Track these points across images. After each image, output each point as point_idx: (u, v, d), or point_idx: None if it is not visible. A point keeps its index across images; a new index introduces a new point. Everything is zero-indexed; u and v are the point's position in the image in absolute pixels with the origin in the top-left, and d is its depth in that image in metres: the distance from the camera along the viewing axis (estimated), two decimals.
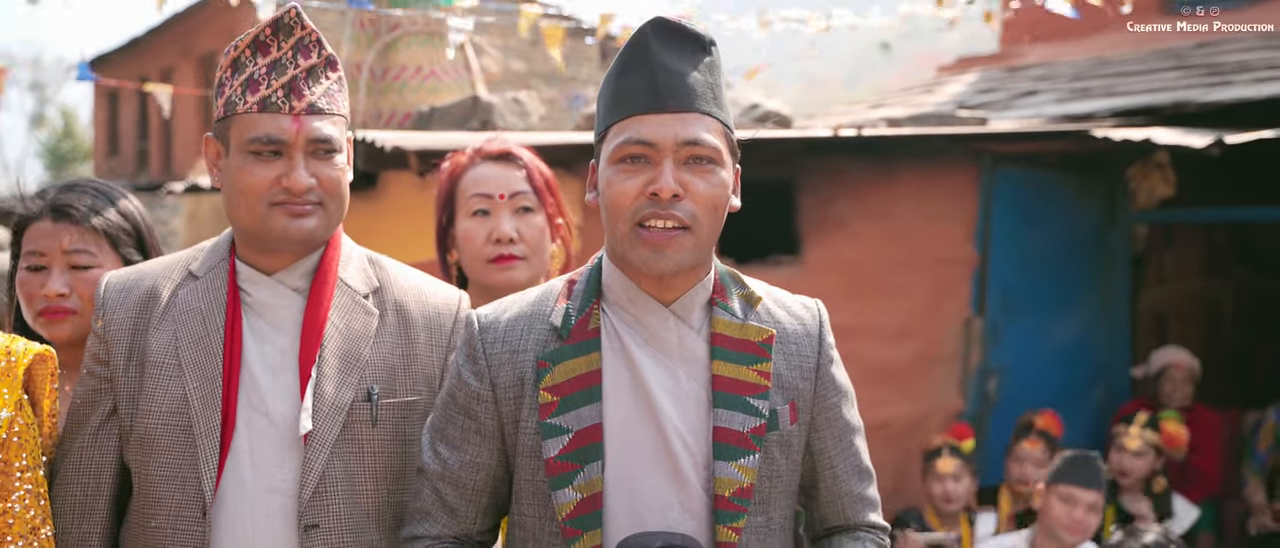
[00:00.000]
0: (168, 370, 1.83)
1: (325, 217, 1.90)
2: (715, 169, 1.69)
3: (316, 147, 1.87)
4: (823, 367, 1.81)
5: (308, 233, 1.88)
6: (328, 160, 1.89)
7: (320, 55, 1.92)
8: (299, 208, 1.86)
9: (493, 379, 1.74)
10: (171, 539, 1.80)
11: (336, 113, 1.91)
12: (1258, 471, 5.47)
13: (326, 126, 1.88)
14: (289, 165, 1.85)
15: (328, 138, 1.88)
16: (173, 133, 19.52)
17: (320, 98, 1.88)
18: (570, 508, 1.66)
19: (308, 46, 1.90)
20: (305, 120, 1.85)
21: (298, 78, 1.87)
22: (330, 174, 1.89)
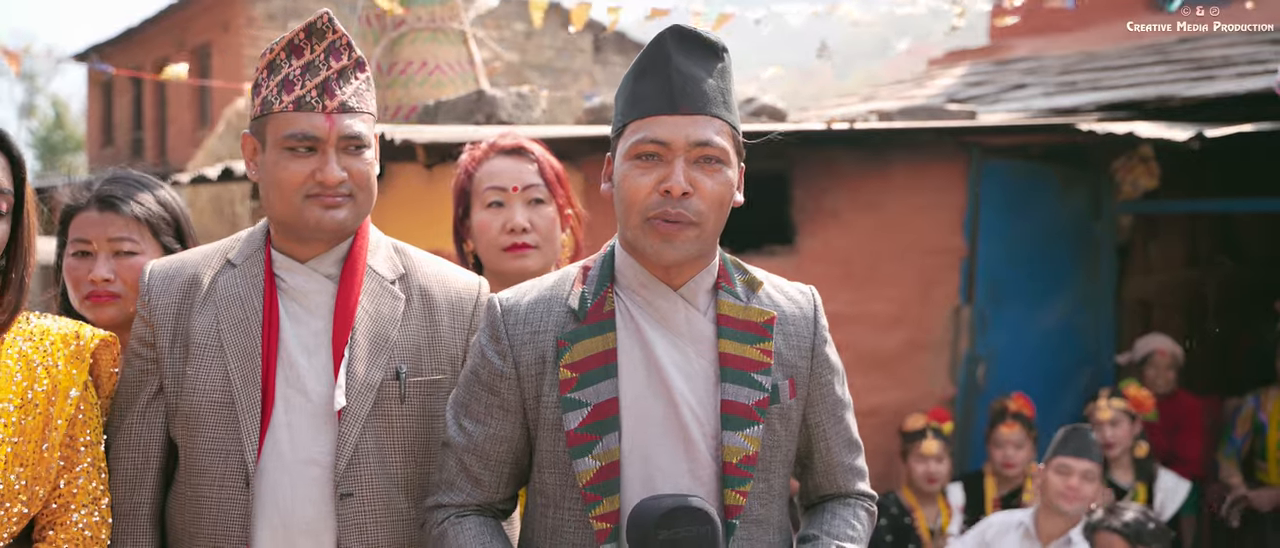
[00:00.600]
0: (210, 351, 1.97)
1: (355, 208, 2.03)
2: (722, 168, 1.82)
3: (347, 143, 2.00)
4: (818, 347, 1.95)
5: (339, 223, 2.00)
6: (358, 156, 2.02)
7: (350, 57, 2.04)
8: (331, 200, 1.99)
9: (515, 358, 1.87)
10: (218, 507, 1.93)
11: (365, 111, 2.04)
12: (1233, 455, 5.62)
13: (357, 124, 2.01)
14: (322, 161, 1.98)
15: (358, 135, 2.01)
16: (167, 123, 19.57)
17: (351, 97, 2.01)
18: (590, 475, 1.80)
19: (338, 49, 2.02)
20: (337, 118, 1.98)
21: (330, 78, 1.99)
22: (360, 168, 2.02)
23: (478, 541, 1.86)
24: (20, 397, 1.86)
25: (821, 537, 1.93)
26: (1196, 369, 6.47)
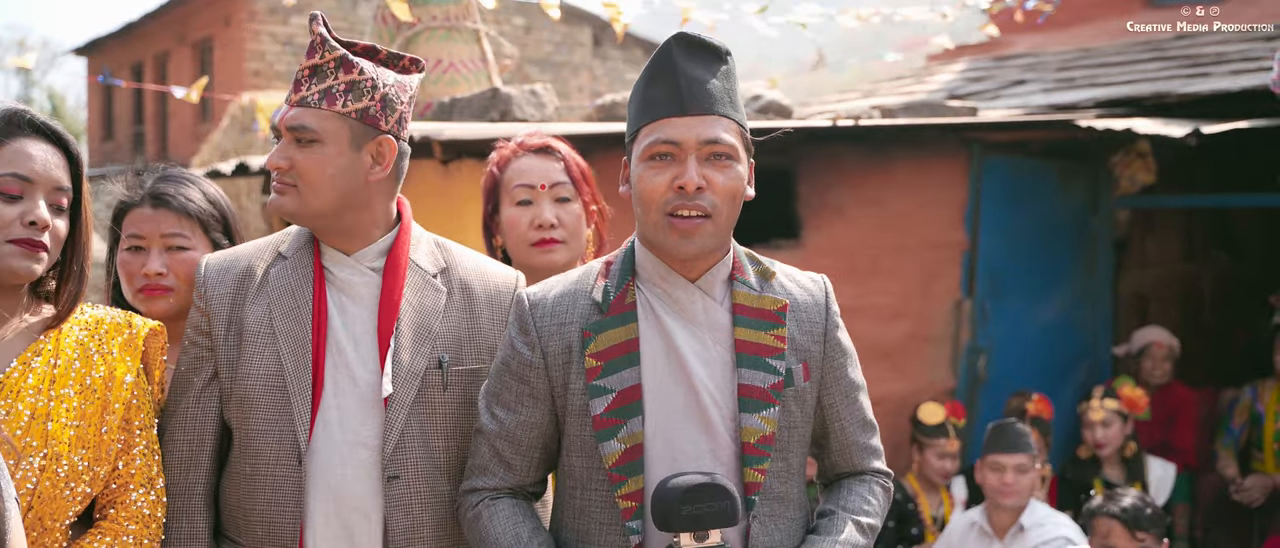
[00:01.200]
0: (263, 339, 2.07)
1: (297, 197, 2.07)
2: (732, 164, 1.93)
3: (293, 134, 2.06)
4: (830, 332, 2.06)
5: (283, 211, 2.09)
6: (305, 148, 2.06)
7: (324, 56, 2.07)
8: (277, 185, 2.09)
9: (543, 349, 1.98)
10: (272, 485, 2.04)
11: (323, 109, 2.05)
12: (1230, 445, 5.72)
13: (305, 117, 2.05)
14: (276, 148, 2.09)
15: (302, 126, 2.05)
16: (169, 117, 19.62)
17: (313, 93, 2.05)
18: (615, 457, 1.91)
19: (314, 48, 2.08)
20: (293, 112, 2.06)
21: (300, 76, 2.08)
22: (303, 160, 2.05)
23: (511, 521, 1.97)
24: (80, 383, 1.97)
25: (838, 512, 2.04)
26: (1192, 362, 6.57)
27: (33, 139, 1.98)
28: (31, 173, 1.95)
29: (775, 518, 1.97)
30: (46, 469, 1.90)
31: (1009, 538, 4.25)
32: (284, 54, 15.96)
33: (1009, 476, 4.22)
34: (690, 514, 1.78)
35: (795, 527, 2.01)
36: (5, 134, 1.97)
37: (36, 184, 1.95)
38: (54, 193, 1.98)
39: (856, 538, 2.01)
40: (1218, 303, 7.43)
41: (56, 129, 2.02)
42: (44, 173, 1.96)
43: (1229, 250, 7.63)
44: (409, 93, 2.16)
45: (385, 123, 2.10)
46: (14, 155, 1.95)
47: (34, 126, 1.99)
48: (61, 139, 2.01)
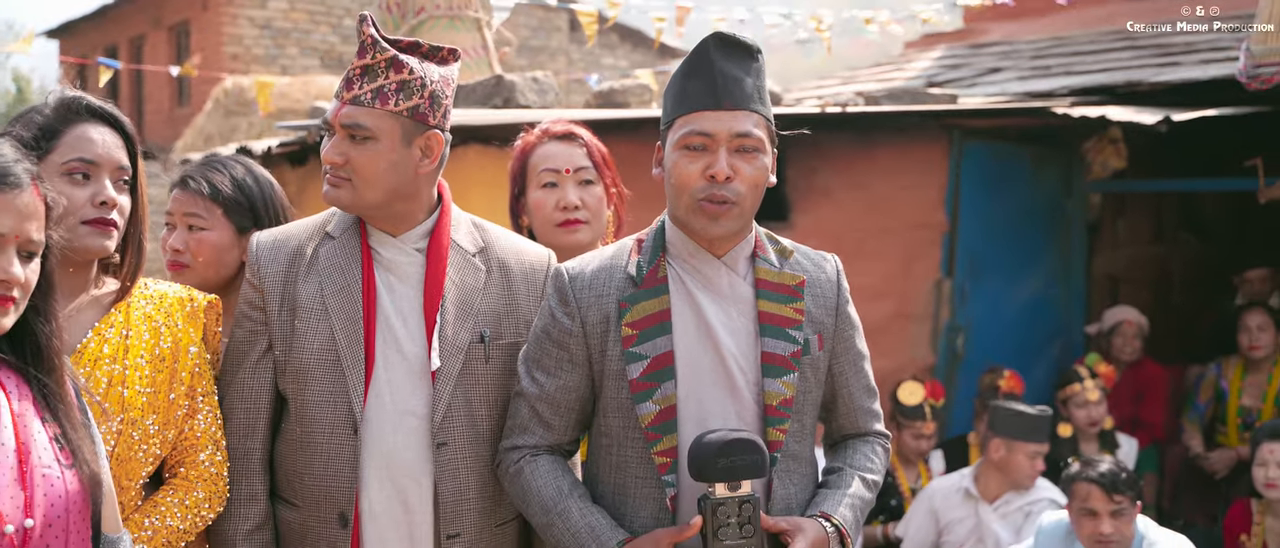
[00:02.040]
0: (316, 315, 2.21)
1: (352, 190, 2.20)
2: (759, 156, 2.11)
3: (347, 131, 2.18)
4: (841, 306, 2.25)
5: (338, 201, 2.23)
6: (359, 145, 2.18)
7: (375, 56, 2.18)
8: (332, 179, 2.22)
9: (582, 318, 2.15)
10: (329, 450, 2.19)
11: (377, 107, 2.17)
12: (1196, 420, 5.96)
13: (359, 115, 2.17)
14: (330, 143, 2.22)
15: (356, 124, 2.17)
16: (144, 101, 19.51)
17: (365, 92, 2.17)
18: (651, 417, 2.09)
19: (365, 49, 2.20)
20: (345, 109, 2.18)
21: (351, 74, 2.20)
22: (357, 156, 2.18)
23: (551, 475, 2.15)
24: (149, 353, 2.12)
25: (845, 468, 2.23)
26: (1161, 340, 6.79)
27: (92, 123, 2.11)
28: (95, 156, 2.08)
29: (791, 474, 2.16)
30: (123, 432, 2.06)
31: (997, 502, 4.46)
32: (262, 37, 15.95)
33: (1040, 462, 4.44)
34: (725, 466, 1.96)
35: (808, 482, 2.20)
36: (66, 121, 2.10)
37: (101, 166, 2.09)
38: (117, 172, 2.12)
39: (863, 492, 2.20)
40: (1186, 283, 7.66)
41: (112, 111, 2.15)
42: (106, 155, 2.10)
43: (1197, 233, 7.84)
44: (452, 85, 2.30)
45: (433, 118, 2.23)
46: (77, 141, 2.09)
47: (91, 111, 2.13)
48: (118, 121, 2.15)
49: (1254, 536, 4.65)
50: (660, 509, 2.09)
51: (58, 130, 2.08)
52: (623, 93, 5.05)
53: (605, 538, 2.06)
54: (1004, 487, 4.44)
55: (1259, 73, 5.13)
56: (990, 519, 4.44)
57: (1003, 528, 4.39)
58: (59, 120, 2.09)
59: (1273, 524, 4.60)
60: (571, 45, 19.71)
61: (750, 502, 1.99)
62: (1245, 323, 5.74)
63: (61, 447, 1.77)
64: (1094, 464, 3.85)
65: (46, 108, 2.11)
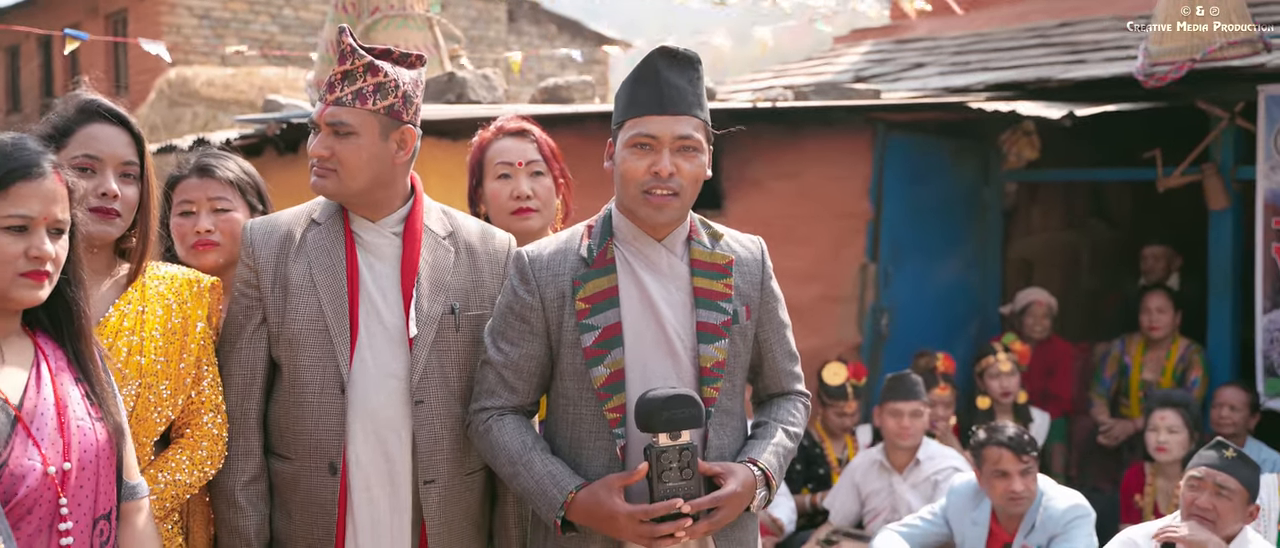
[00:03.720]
0: (306, 291, 2.50)
1: (337, 180, 2.48)
2: (697, 154, 2.43)
3: (332, 128, 2.47)
4: (765, 282, 2.58)
5: (326, 191, 2.51)
6: (343, 139, 2.47)
7: (355, 62, 2.48)
8: (319, 170, 2.50)
9: (541, 294, 2.46)
10: (319, 409, 2.48)
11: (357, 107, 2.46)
12: (1102, 393, 6.40)
13: (342, 114, 2.46)
14: (316, 140, 2.51)
15: (340, 121, 2.46)
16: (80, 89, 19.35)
17: (345, 94, 2.46)
18: (602, 379, 2.41)
19: (345, 55, 2.50)
20: (329, 110, 2.48)
21: (333, 78, 2.50)
22: (342, 149, 2.46)
23: (516, 432, 2.45)
24: (163, 327, 2.40)
25: (770, 422, 2.57)
26: (1071, 319, 7.21)
27: (100, 123, 2.38)
28: (100, 152, 2.35)
29: (724, 426, 2.49)
30: (140, 395, 2.33)
31: (906, 472, 4.85)
32: (201, 27, 15.93)
33: (906, 420, 4.81)
34: (667, 418, 2.29)
35: (738, 433, 2.54)
36: (79, 121, 2.37)
37: (105, 161, 2.36)
38: (122, 167, 2.38)
39: (785, 441, 2.54)
40: (1094, 267, 8.03)
41: (120, 112, 2.42)
42: (110, 151, 2.37)
43: (1104, 219, 8.19)
44: (421, 86, 2.60)
45: (406, 115, 2.53)
46: (86, 138, 2.36)
47: (101, 113, 2.40)
48: (125, 121, 2.42)
49: (1146, 495, 5.09)
50: (611, 459, 2.41)
51: (71, 128, 2.34)
52: (567, 89, 5.33)
53: (564, 484, 2.37)
54: (905, 456, 4.82)
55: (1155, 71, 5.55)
56: (902, 489, 4.82)
57: (914, 497, 4.77)
58: (72, 120, 2.35)
59: (1163, 485, 5.03)
60: (510, 36, 19.89)
61: (689, 449, 2.32)
62: (1146, 305, 6.17)
63: (92, 403, 2.05)
64: (1001, 430, 4.23)
65: (64, 108, 2.37)
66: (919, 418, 4.82)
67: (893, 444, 4.85)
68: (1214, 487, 3.59)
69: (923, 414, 4.84)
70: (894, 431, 4.82)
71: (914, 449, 4.83)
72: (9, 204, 1.93)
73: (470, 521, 2.60)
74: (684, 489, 2.31)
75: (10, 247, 1.92)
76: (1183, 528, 3.56)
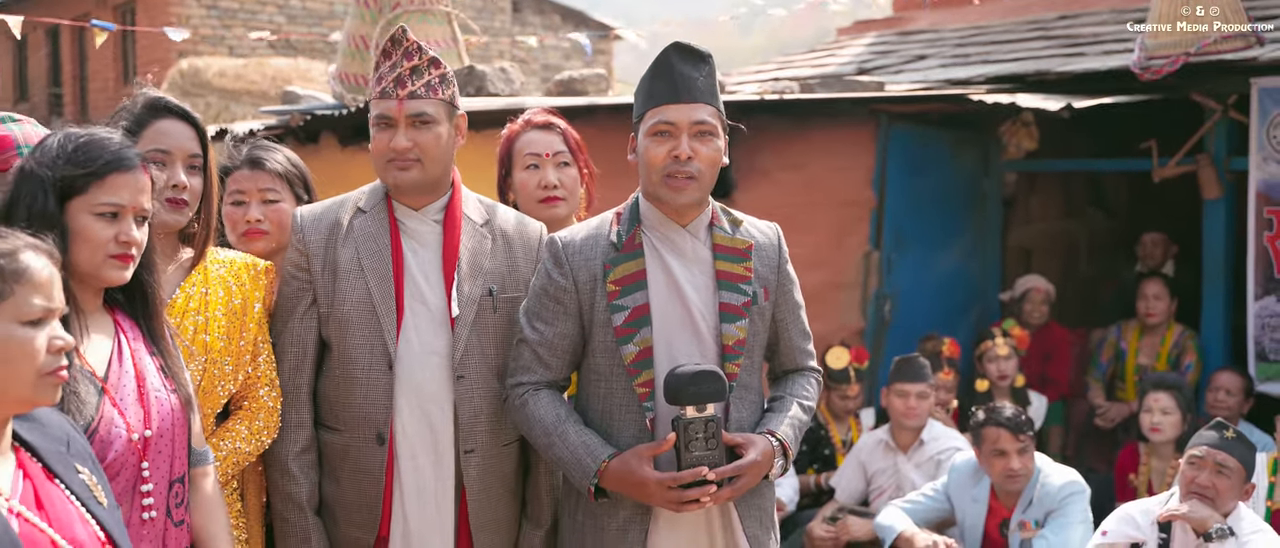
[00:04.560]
0: (354, 274, 2.67)
1: (422, 170, 2.66)
2: (713, 139, 2.61)
3: (413, 120, 2.64)
4: (782, 265, 2.77)
5: (411, 181, 2.66)
6: (424, 129, 2.65)
7: (422, 58, 2.67)
8: (402, 163, 2.66)
9: (574, 277, 2.64)
10: (367, 384, 2.65)
11: (433, 97, 2.65)
12: (1099, 377, 6.59)
13: (421, 106, 2.64)
14: (394, 134, 2.65)
15: (421, 112, 2.64)
16: (88, 79, 19.48)
17: (420, 87, 2.64)
18: (632, 356, 2.59)
19: (410, 52, 2.67)
20: (406, 103, 2.64)
21: (402, 74, 2.66)
22: (425, 139, 2.64)
23: (551, 405, 2.63)
24: (225, 307, 2.58)
25: (786, 396, 2.76)
26: (1069, 305, 7.38)
27: (169, 119, 2.56)
28: (170, 146, 2.53)
29: (743, 400, 2.68)
30: (206, 371, 2.52)
31: (911, 452, 5.03)
32: (209, 17, 16.09)
33: (912, 401, 4.99)
34: (694, 392, 2.47)
35: (755, 407, 2.72)
36: (149, 118, 2.55)
37: (175, 155, 2.54)
38: (189, 159, 2.56)
39: (800, 414, 2.73)
40: (1091, 254, 8.16)
41: (186, 109, 2.60)
42: (178, 145, 2.55)
43: (1101, 208, 8.34)
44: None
45: (456, 103, 2.73)
46: (156, 134, 2.53)
47: (168, 109, 2.58)
48: (190, 116, 2.60)
49: (1141, 474, 5.28)
50: (640, 430, 2.60)
51: (142, 124, 2.52)
52: (581, 81, 5.50)
53: (598, 453, 2.56)
54: (910, 436, 5.00)
55: (1151, 64, 5.71)
56: (907, 468, 5.00)
57: (918, 475, 4.94)
58: (143, 116, 2.53)
59: (1157, 465, 5.22)
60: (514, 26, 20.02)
61: (714, 421, 2.51)
62: (1143, 291, 6.35)
63: (165, 375, 2.23)
64: (999, 411, 4.41)
65: (133, 106, 2.55)
66: (925, 400, 4.99)
67: (898, 424, 5.03)
68: (1214, 465, 3.75)
69: (929, 396, 5.02)
70: (901, 410, 4.99)
71: (919, 430, 5.01)
72: (104, 193, 2.11)
73: (506, 488, 2.79)
74: (709, 458, 2.50)
75: (103, 231, 2.11)
76: (1184, 506, 3.73)
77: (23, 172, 2.14)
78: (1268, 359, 5.69)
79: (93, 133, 2.19)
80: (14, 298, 1.75)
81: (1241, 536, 3.65)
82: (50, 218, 2.05)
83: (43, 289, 1.80)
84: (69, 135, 2.17)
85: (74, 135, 2.17)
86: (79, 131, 2.19)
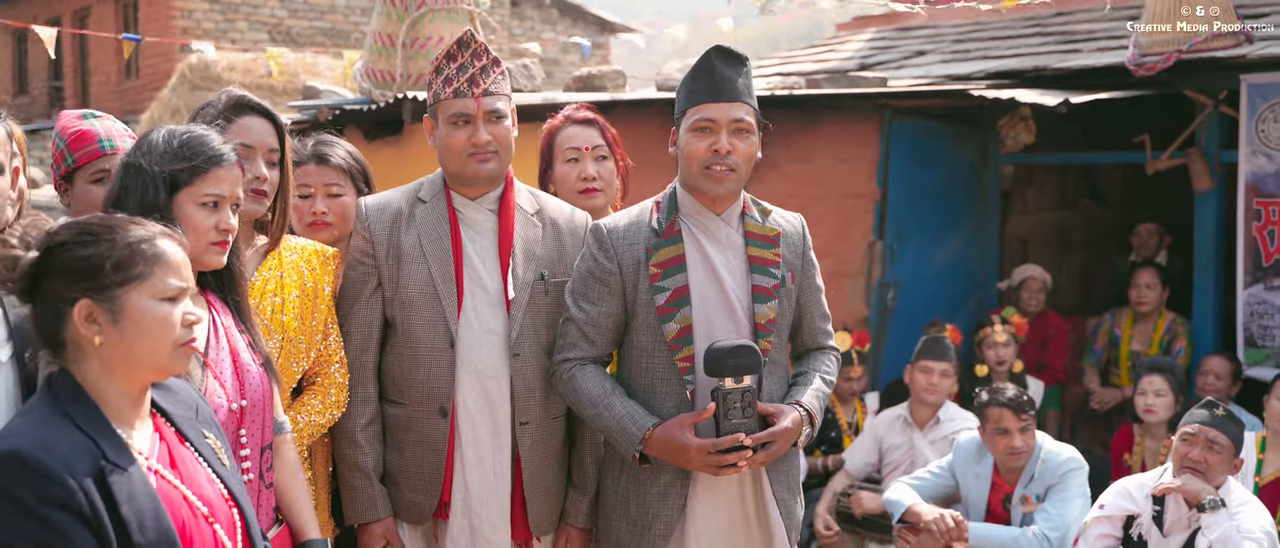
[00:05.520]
0: (417, 259, 2.89)
1: (500, 160, 2.91)
2: (749, 136, 2.83)
3: (489, 116, 2.88)
4: (806, 252, 2.99)
5: (490, 172, 2.91)
6: (498, 124, 2.89)
7: (489, 58, 2.91)
8: (483, 156, 2.90)
9: (619, 261, 2.86)
10: (431, 360, 2.87)
11: (502, 94, 2.90)
12: (1094, 363, 6.83)
13: (496, 103, 2.88)
14: (474, 130, 2.90)
15: (496, 109, 2.88)
16: (89, 73, 19.57)
17: (491, 84, 2.88)
18: (674, 333, 2.81)
19: (479, 53, 2.91)
20: (482, 100, 2.88)
21: (475, 74, 2.90)
22: (500, 132, 2.89)
23: (597, 378, 2.86)
24: (299, 289, 2.80)
25: (810, 371, 2.99)
26: (1065, 294, 7.62)
27: (251, 116, 2.77)
28: (253, 142, 2.74)
29: (773, 374, 2.91)
30: (284, 348, 2.73)
31: (928, 428, 5.26)
32: (212, 11, 16.24)
33: (935, 378, 5.22)
34: (733, 365, 2.70)
35: (782, 381, 2.96)
36: (234, 114, 2.76)
37: (257, 149, 2.75)
38: (269, 153, 2.77)
39: (823, 387, 2.96)
40: (1087, 245, 8.39)
41: (266, 107, 2.81)
42: (260, 140, 2.76)
43: (1096, 200, 8.58)
44: None
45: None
46: (241, 129, 2.74)
47: (250, 106, 2.79)
48: (270, 114, 2.81)
49: (1135, 454, 5.52)
50: (681, 401, 2.82)
51: (228, 120, 2.73)
52: (599, 77, 5.71)
53: (642, 422, 2.78)
54: (928, 413, 5.24)
55: (1145, 61, 5.95)
56: (922, 444, 5.23)
57: (932, 453, 5.18)
58: (229, 113, 2.74)
59: (1150, 444, 5.46)
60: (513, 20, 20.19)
61: (751, 391, 2.73)
62: (1136, 280, 6.59)
63: (253, 350, 2.45)
64: (1002, 391, 4.64)
65: (218, 103, 2.76)
66: (947, 378, 5.23)
67: (919, 400, 5.25)
68: (1206, 442, 3.98)
69: (951, 375, 5.25)
70: (923, 386, 5.22)
71: (937, 407, 5.24)
72: (207, 185, 2.32)
73: (555, 457, 3.01)
74: (745, 426, 2.73)
75: (206, 220, 2.32)
76: (1177, 480, 3.97)
77: (130, 167, 2.33)
78: (1256, 345, 5.93)
79: (192, 130, 2.40)
80: (153, 278, 1.95)
81: (1231, 506, 3.89)
82: (161, 209, 2.26)
83: (177, 270, 1.99)
84: (172, 132, 2.38)
85: (177, 132, 2.38)
86: (180, 129, 2.40)
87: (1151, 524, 4.05)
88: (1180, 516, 3.98)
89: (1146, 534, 4.06)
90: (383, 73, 5.39)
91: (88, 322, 1.92)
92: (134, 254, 1.95)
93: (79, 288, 1.93)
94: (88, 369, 1.95)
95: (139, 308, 1.93)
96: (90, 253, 1.94)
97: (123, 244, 1.96)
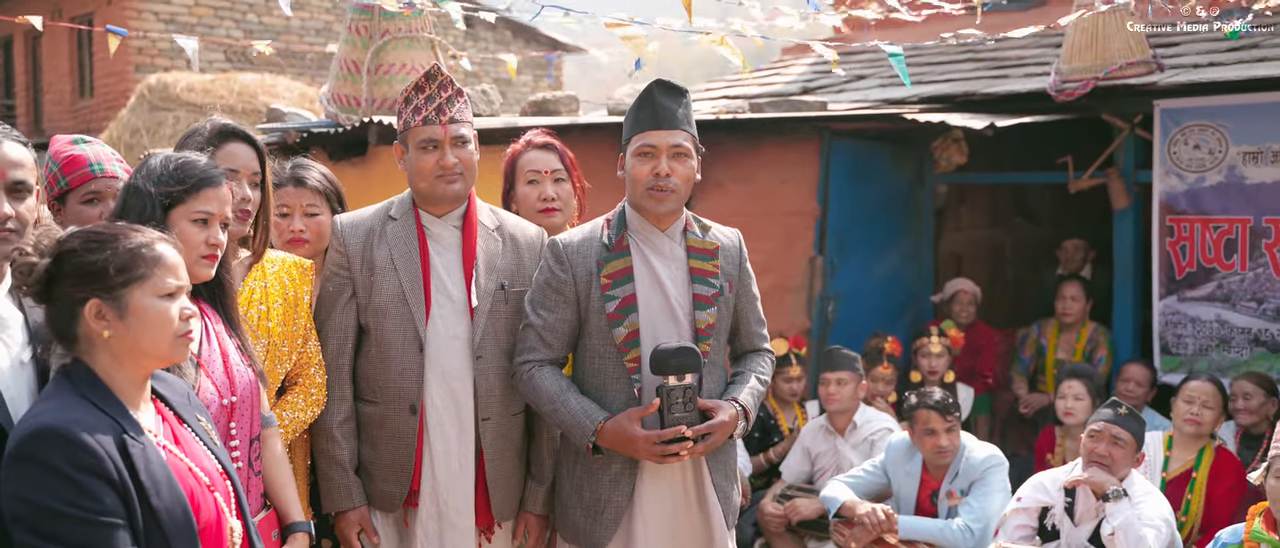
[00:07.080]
0: (388, 272, 3.18)
1: (465, 181, 3.20)
2: (688, 159, 3.16)
3: (455, 141, 3.18)
4: (743, 263, 3.32)
5: (456, 192, 3.20)
6: (463, 148, 3.19)
7: (453, 89, 3.21)
8: (450, 177, 3.20)
9: (573, 273, 3.17)
10: (401, 364, 3.15)
11: (466, 121, 3.20)
12: (1022, 371, 7.20)
13: (461, 129, 3.18)
14: (442, 154, 3.20)
15: (462, 136, 3.18)
16: (41, 91, 19.51)
17: (456, 113, 3.18)
18: (623, 337, 3.12)
19: (444, 85, 3.22)
20: (449, 127, 3.19)
21: (442, 103, 3.21)
22: (465, 156, 3.19)
23: (553, 378, 3.16)
24: (282, 298, 3.08)
25: (745, 370, 3.31)
26: (996, 306, 7.97)
27: (235, 142, 3.05)
28: (237, 166, 3.02)
29: (712, 374, 3.22)
30: (269, 352, 3.01)
31: (847, 433, 5.60)
32: (167, 32, 16.34)
33: (832, 387, 5.56)
34: (676, 364, 3.01)
35: (721, 379, 3.27)
36: (220, 140, 3.03)
37: (241, 173, 3.03)
38: (252, 176, 3.06)
39: (758, 385, 3.28)
40: (1018, 259, 8.74)
41: (249, 133, 3.09)
42: (244, 164, 3.04)
43: (1026, 217, 8.96)
44: None
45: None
46: (226, 155, 3.02)
47: (235, 134, 3.06)
48: (252, 140, 3.09)
49: (1057, 453, 5.89)
50: (629, 398, 3.13)
51: (214, 147, 3.01)
52: (553, 102, 6.02)
53: (594, 416, 3.09)
54: (845, 420, 5.58)
55: (1065, 87, 6.36)
56: (845, 449, 5.57)
57: (855, 455, 5.50)
58: (215, 140, 3.02)
59: (1071, 445, 5.83)
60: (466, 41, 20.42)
61: (692, 389, 3.05)
62: (1062, 293, 6.97)
63: (242, 353, 2.73)
64: (929, 395, 4.99)
65: (205, 131, 3.04)
66: (844, 385, 5.55)
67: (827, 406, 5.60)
68: (1110, 437, 4.35)
69: (848, 382, 5.57)
70: (824, 396, 5.59)
71: (850, 413, 5.57)
72: (198, 203, 2.60)
73: (515, 450, 3.31)
74: (687, 419, 3.04)
75: (197, 235, 2.60)
76: (1085, 473, 4.33)
77: (132, 188, 2.61)
78: (1170, 353, 6.33)
79: (186, 156, 2.67)
80: (154, 277, 2.20)
81: (1133, 497, 4.26)
82: (158, 225, 2.53)
83: (174, 270, 2.24)
84: (168, 157, 2.65)
85: (173, 157, 2.65)
86: (175, 154, 2.67)
87: (1064, 514, 4.42)
88: (1089, 506, 4.35)
89: (1059, 524, 4.43)
90: (348, 97, 5.67)
91: (97, 318, 2.18)
92: (136, 257, 2.21)
93: (88, 289, 2.18)
94: (98, 360, 2.20)
95: (142, 305, 2.19)
96: (97, 258, 2.19)
97: (125, 249, 2.21)
